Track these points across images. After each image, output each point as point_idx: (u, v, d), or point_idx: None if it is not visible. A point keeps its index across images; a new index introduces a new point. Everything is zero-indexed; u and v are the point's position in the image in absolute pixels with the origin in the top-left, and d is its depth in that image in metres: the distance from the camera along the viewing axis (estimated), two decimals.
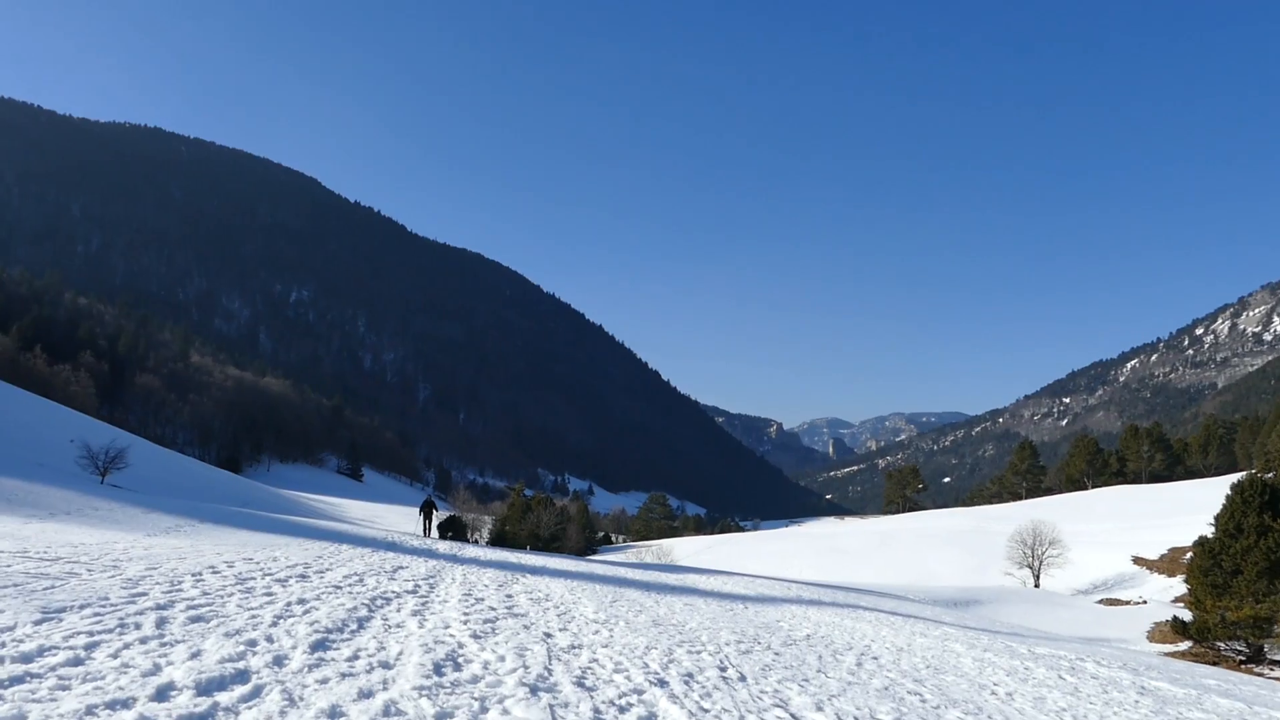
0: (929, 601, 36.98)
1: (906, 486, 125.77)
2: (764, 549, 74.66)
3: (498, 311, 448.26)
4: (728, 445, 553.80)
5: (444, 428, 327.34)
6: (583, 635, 11.69)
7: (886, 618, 22.24)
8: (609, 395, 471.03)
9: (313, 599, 11.39)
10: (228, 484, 69.56)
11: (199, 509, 30.11)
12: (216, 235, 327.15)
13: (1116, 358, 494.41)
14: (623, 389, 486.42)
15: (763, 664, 11.51)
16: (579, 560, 35.10)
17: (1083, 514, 74.84)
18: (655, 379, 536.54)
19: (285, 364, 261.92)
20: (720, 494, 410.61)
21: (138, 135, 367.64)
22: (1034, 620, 36.45)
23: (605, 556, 77.75)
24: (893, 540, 70.75)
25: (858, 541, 72.53)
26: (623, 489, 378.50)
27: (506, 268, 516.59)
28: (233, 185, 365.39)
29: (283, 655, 7.72)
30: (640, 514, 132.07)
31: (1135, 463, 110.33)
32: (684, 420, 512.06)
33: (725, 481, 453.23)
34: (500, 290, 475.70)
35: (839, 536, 79.34)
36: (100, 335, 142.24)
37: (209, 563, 14.02)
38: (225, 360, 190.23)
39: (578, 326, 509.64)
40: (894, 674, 12.33)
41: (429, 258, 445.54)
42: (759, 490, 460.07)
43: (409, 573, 17.15)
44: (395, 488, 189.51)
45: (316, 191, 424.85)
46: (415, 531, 41.34)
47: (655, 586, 23.07)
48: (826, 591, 30.70)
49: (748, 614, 18.62)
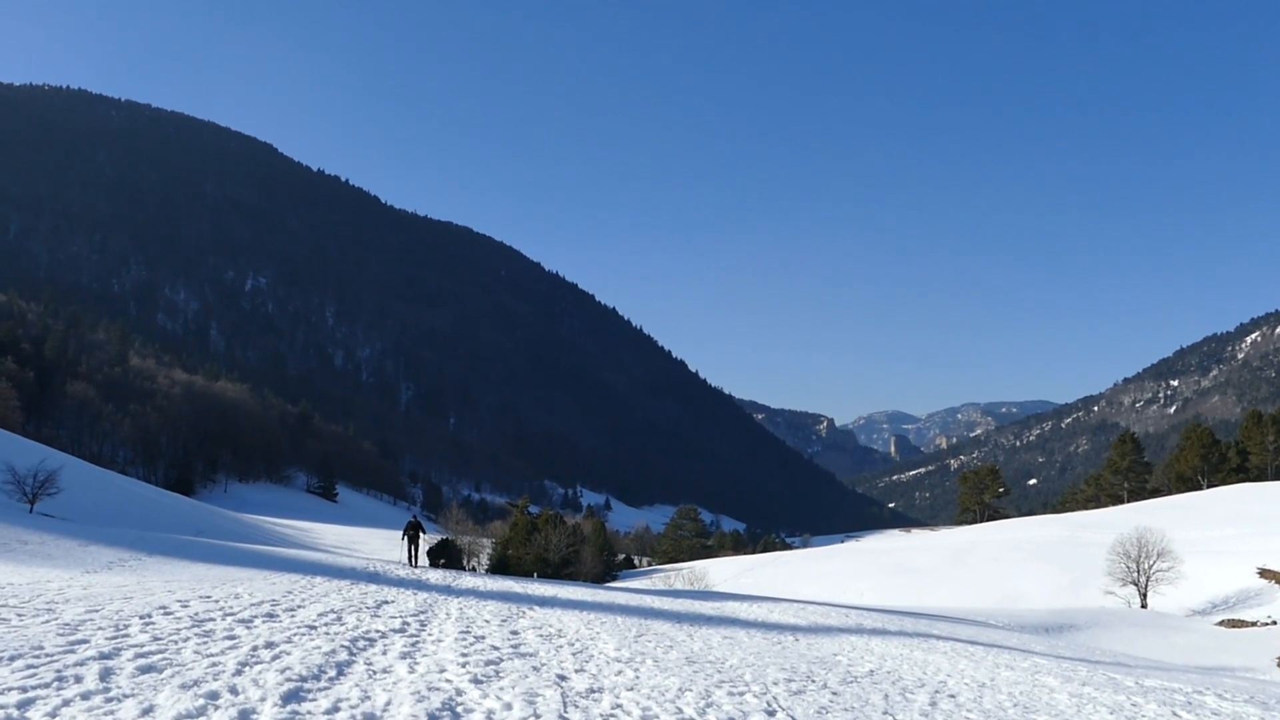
0: (1015, 628, 36.87)
1: (984, 491, 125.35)
2: (816, 570, 74.60)
3: (492, 295, 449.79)
4: (769, 447, 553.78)
5: (431, 435, 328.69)
6: (603, 677, 11.71)
7: (965, 648, 22.18)
8: (626, 392, 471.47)
9: (283, 642, 11.45)
10: (178, 509, 70.11)
11: (145, 540, 30.35)
12: (156, 215, 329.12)
13: (1234, 331, 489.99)
14: (642, 384, 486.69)
15: (818, 706, 11.50)
16: (596, 588, 35.15)
17: (1197, 519, 74.34)
18: (681, 371, 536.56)
19: (242, 365, 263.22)
20: (762, 506, 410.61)
21: (58, 99, 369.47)
22: (1141, 647, 36.30)
23: (627, 583, 77.84)
24: (970, 556, 70.56)
25: (928, 558, 72.37)
26: (645, 503, 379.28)
27: (500, 243, 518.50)
28: (173, 155, 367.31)
29: (249, 709, 7.77)
30: (667, 532, 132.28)
31: (1259, 456, 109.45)
32: (717, 419, 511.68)
33: (767, 491, 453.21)
34: (494, 270, 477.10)
35: (905, 553, 79.18)
36: (23, 338, 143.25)
37: (160, 602, 14.12)
38: (171, 362, 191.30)
39: (587, 311, 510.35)
40: (975, 715, 12.30)
41: (408, 234, 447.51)
42: (808, 500, 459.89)
43: (395, 608, 17.21)
44: (375, 508, 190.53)
45: (272, 160, 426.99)
46: (400, 559, 41.54)
47: (688, 617, 23.08)
48: (892, 619, 30.65)
49: (799, 647, 18.60)
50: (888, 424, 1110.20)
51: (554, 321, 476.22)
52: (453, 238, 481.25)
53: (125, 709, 7.33)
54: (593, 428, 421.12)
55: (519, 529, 66.75)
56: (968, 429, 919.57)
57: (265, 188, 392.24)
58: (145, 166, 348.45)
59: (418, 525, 37.50)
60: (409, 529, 37.49)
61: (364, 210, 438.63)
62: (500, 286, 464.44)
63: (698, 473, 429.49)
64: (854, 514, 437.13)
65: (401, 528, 38.33)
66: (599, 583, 60.19)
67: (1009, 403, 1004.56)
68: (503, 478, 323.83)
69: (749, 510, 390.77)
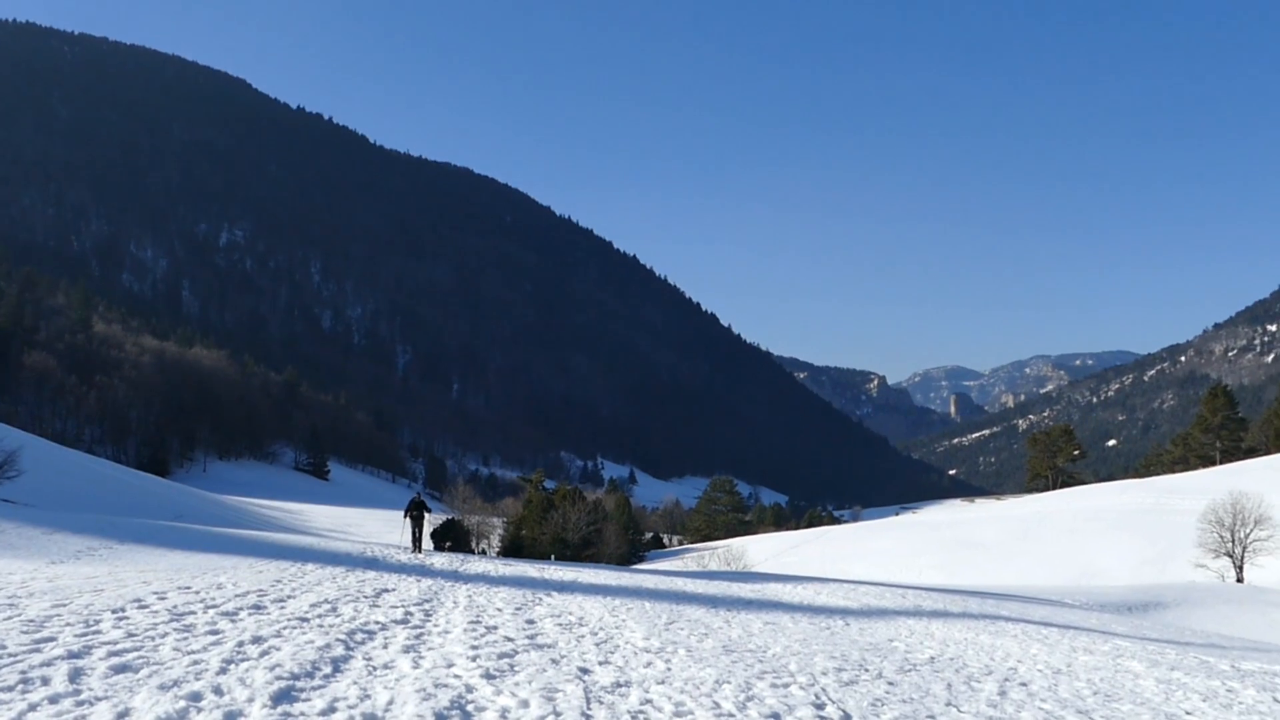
0: (1094, 607, 36.83)
1: (1057, 454, 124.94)
2: (868, 546, 74.72)
3: (496, 245, 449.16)
4: (814, 410, 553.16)
5: (433, 404, 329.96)
6: (630, 669, 11.77)
7: (1037, 630, 22.19)
8: (651, 350, 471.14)
9: (272, 636, 11.54)
10: (152, 492, 70.69)
11: (116, 526, 30.60)
12: (118, 162, 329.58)
13: None
14: (669, 341, 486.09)
15: (873, 698, 11.52)
16: (621, 571, 35.29)
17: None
18: (712, 326, 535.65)
19: (219, 329, 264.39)
20: (806, 475, 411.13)
21: (3, 34, 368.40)
22: (1237, 626, 36.22)
23: (655, 564, 78.09)
24: (1042, 527, 70.48)
25: (994, 531, 72.35)
26: (675, 474, 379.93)
27: (505, 186, 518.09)
28: (135, 95, 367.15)
29: (236, 711, 7.84)
30: (700, 506, 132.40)
31: None
32: (753, 379, 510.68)
33: (812, 459, 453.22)
34: (498, 216, 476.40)
35: (968, 525, 79.18)
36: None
37: (134, 595, 14.24)
38: (139, 328, 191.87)
39: (605, 260, 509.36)
40: (1050, 705, 12.30)
41: (401, 178, 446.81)
42: (857, 468, 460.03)
43: (397, 596, 17.33)
44: (372, 486, 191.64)
45: (246, 97, 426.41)
46: (401, 543, 41.70)
47: (724, 601, 23.16)
48: (955, 599, 30.68)
49: (850, 633, 18.65)
50: (947, 381, 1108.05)
51: (567, 273, 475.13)
52: (451, 181, 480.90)
53: (98, 713, 7.39)
54: (614, 391, 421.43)
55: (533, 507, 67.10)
56: (1037, 384, 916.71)
57: (239, 129, 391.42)
58: (104, 108, 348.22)
59: (421, 504, 37.15)
60: (411, 509, 37.20)
61: (351, 152, 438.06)
62: (506, 235, 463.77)
63: (733, 440, 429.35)
64: (909, 483, 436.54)
65: (402, 507, 38.20)
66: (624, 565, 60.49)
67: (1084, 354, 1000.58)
68: (514, 450, 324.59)
69: (791, 481, 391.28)
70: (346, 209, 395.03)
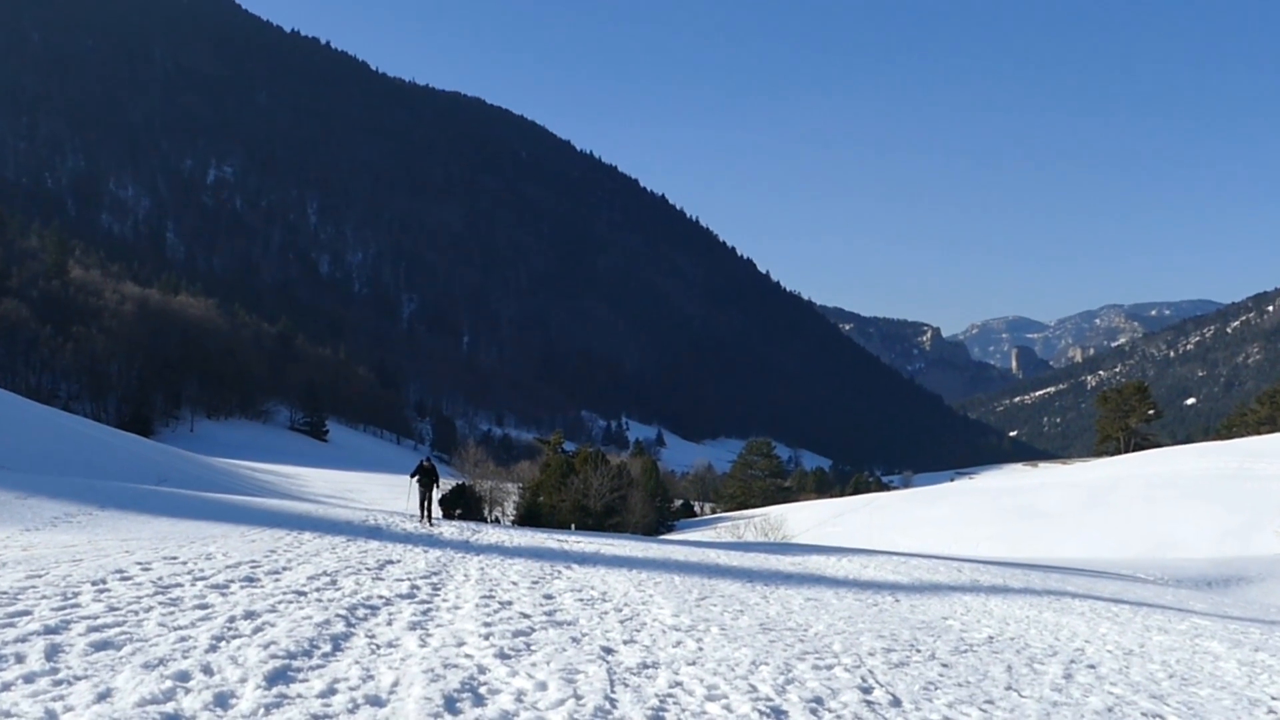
0: (1169, 582, 36.78)
1: (1130, 414, 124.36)
2: (919, 515, 74.64)
3: (511, 183, 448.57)
4: (860, 365, 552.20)
5: (441, 357, 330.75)
6: (658, 649, 11.80)
7: (1106, 608, 22.15)
8: (680, 299, 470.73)
9: (266, 611, 11.61)
10: (135, 453, 71.15)
11: (97, 490, 30.84)
12: (95, 92, 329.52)
13: None
14: (700, 289, 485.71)
15: (925, 681, 11.53)
16: (648, 542, 35.39)
17: None
18: (748, 272, 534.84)
19: (206, 275, 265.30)
20: (851, 437, 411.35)
21: None
22: None
23: (685, 535, 78.30)
24: (1112, 495, 70.21)
25: (1059, 498, 72.14)
26: (707, 436, 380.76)
27: (521, 118, 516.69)
28: (113, 17, 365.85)
29: (228, 693, 7.88)
30: (734, 471, 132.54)
31: None
32: (794, 331, 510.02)
33: (858, 419, 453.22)
34: (513, 151, 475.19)
35: (1031, 492, 78.96)
36: None
37: (116, 565, 14.35)
38: (120, 273, 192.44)
39: (630, 199, 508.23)
40: (1120, 689, 12.28)
41: (406, 109, 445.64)
42: (908, 429, 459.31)
43: (402, 569, 17.42)
44: (375, 448, 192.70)
45: (236, 19, 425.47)
46: (407, 510, 41.82)
47: (761, 575, 23.21)
48: (1016, 573, 30.67)
49: (900, 610, 18.68)
50: (1008, 333, 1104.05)
51: (589, 214, 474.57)
52: (461, 112, 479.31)
53: (77, 693, 7.43)
54: (640, 344, 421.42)
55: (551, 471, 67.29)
56: (1108, 337, 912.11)
57: (228, 55, 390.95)
58: (80, 32, 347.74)
59: (431, 469, 36.18)
60: (420, 473, 36.45)
61: (351, 80, 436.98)
62: (521, 172, 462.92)
63: (771, 398, 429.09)
64: (966, 445, 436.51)
65: (409, 472, 37.85)
66: (651, 535, 60.70)
67: (1160, 303, 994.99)
68: (530, 408, 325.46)
69: (835, 443, 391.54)
70: (346, 143, 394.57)
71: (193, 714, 7.24)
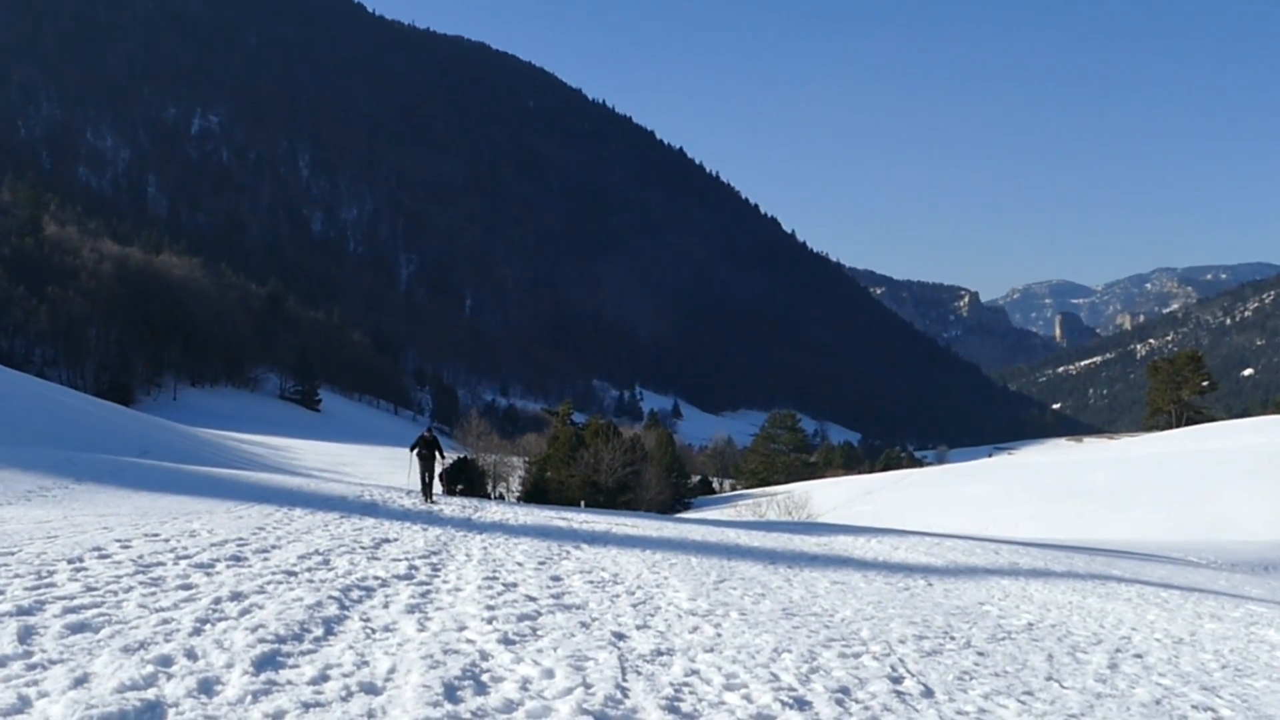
0: (1223, 566, 36.76)
1: (1183, 385, 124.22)
2: (955, 493, 74.70)
3: (518, 135, 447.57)
4: (892, 331, 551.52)
5: (441, 322, 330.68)
6: (673, 635, 11.82)
7: (1155, 593, 22.16)
8: (699, 260, 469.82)
9: (254, 593, 11.64)
10: (114, 423, 71.34)
11: (73, 462, 30.95)
12: (72, 35, 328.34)
13: None
14: (721, 249, 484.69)
15: (960, 670, 11.53)
16: (663, 520, 35.44)
17: None
18: (772, 232, 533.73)
19: (190, 232, 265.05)
20: (882, 409, 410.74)
21: None
22: None
23: (703, 513, 78.38)
24: (1163, 472, 70.17)
25: (1105, 476, 72.12)
26: (727, 407, 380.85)
27: (529, 64, 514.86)
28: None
29: (213, 679, 7.90)
30: (756, 445, 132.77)
31: None
32: (821, 295, 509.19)
33: (889, 389, 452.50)
34: (520, 101, 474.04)
35: (1075, 469, 78.95)
36: None
37: (94, 542, 14.40)
38: (98, 230, 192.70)
39: (645, 153, 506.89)
40: (1169, 679, 12.28)
41: (405, 54, 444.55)
42: (943, 400, 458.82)
43: (399, 548, 17.47)
44: (370, 418, 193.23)
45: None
46: (406, 485, 41.78)
47: (784, 556, 23.25)
48: (1059, 555, 30.67)
49: (933, 594, 18.69)
50: (1051, 298, 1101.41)
51: (601, 168, 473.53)
52: (464, 58, 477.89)
53: (52, 677, 7.45)
54: (656, 309, 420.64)
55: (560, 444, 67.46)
56: (1159, 303, 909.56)
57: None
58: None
59: (433, 441, 35.08)
60: (422, 446, 35.39)
61: (346, 23, 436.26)
62: (529, 122, 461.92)
63: (796, 367, 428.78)
64: (1005, 418, 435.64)
65: (409, 444, 37.16)
66: (666, 513, 60.83)
67: (1215, 266, 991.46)
68: (537, 377, 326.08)
69: (864, 416, 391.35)
70: (340, 91, 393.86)
71: (175, 701, 7.25)
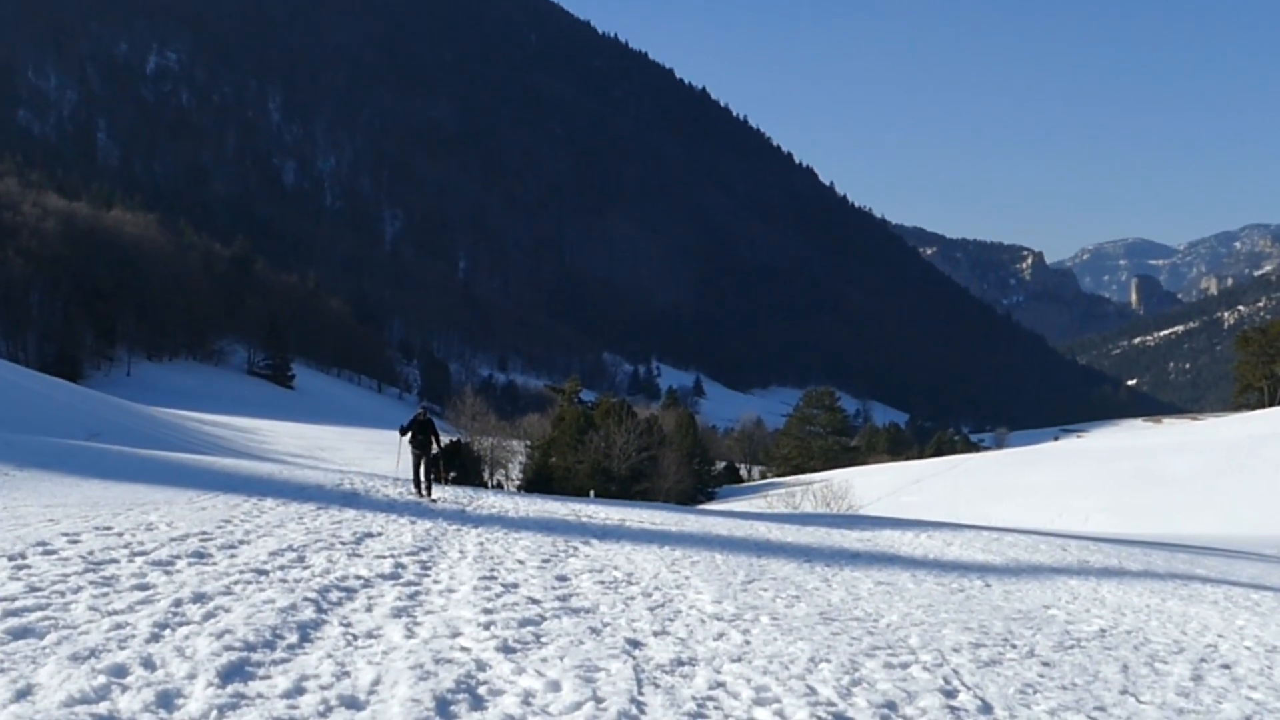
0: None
1: (1277, 358, 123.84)
2: (1015, 482, 74.66)
3: (517, 74, 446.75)
4: (944, 297, 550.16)
5: (432, 287, 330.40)
6: (696, 643, 11.83)
7: (1245, 595, 22.12)
8: (724, 216, 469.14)
9: (219, 594, 11.68)
10: (60, 401, 71.56)
11: (14, 446, 31.05)
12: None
13: None
14: (749, 204, 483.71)
15: (1022, 683, 11.53)
16: (683, 512, 35.47)
17: None
18: (808, 184, 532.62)
19: (146, 185, 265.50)
20: (932, 387, 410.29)
21: None
22: None
23: (729, 504, 78.45)
24: (1253, 457, 70.00)
25: (1188, 462, 71.99)
26: (757, 385, 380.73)
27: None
28: None
29: (173, 690, 7.92)
30: (789, 428, 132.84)
31: None
32: (864, 256, 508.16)
33: (941, 364, 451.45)
34: (520, 34, 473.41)
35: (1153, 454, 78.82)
36: None
37: (38, 537, 14.45)
38: (40, 182, 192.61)
39: (663, 94, 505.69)
40: (1261, 693, 12.25)
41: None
42: (1003, 377, 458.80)
43: (384, 543, 17.51)
44: (351, 396, 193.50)
45: None
46: (394, 473, 41.68)
47: (822, 554, 23.27)
48: (1134, 553, 30.65)
49: (991, 597, 18.70)
50: (1126, 259, 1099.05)
51: (613, 111, 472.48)
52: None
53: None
54: (676, 273, 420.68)
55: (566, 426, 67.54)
56: (1250, 264, 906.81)
57: None
58: None
59: (429, 424, 32.72)
60: (415, 429, 33.26)
61: None
62: (530, 60, 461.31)
63: (836, 339, 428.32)
64: (1074, 396, 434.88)
65: (399, 426, 35.43)
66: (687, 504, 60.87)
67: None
68: (540, 350, 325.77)
69: (912, 394, 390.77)
70: (316, 25, 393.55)
71: (131, 715, 7.27)
